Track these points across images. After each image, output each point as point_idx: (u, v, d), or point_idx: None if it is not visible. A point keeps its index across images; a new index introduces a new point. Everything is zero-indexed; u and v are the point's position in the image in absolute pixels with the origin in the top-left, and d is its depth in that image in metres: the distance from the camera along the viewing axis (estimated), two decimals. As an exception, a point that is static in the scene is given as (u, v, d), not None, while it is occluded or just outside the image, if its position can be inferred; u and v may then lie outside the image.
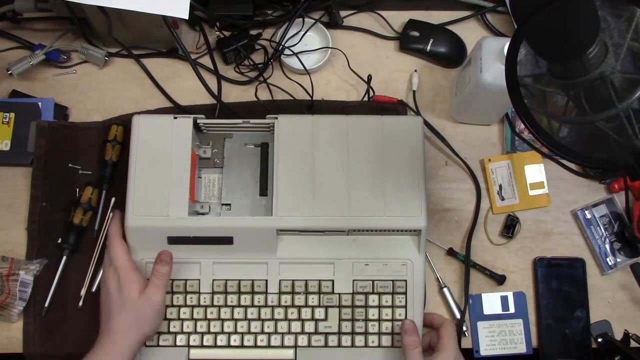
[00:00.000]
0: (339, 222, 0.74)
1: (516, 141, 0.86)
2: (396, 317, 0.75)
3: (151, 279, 0.69)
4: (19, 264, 0.79)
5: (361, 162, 0.76)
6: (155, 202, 0.74)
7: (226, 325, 0.75)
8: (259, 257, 0.76)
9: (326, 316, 0.75)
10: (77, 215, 0.79)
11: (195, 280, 0.75)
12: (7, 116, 0.84)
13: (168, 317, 0.75)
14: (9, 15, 0.88)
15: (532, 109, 0.53)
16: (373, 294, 0.75)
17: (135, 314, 0.68)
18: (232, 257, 0.76)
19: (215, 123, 0.80)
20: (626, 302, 0.82)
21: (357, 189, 0.74)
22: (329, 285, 0.75)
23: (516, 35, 0.52)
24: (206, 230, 0.74)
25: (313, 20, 0.90)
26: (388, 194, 0.74)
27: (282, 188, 0.74)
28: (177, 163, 0.75)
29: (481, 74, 0.74)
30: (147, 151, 0.76)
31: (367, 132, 0.76)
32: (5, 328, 0.79)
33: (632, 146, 0.50)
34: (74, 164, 0.83)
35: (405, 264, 0.76)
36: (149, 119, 0.78)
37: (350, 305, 0.75)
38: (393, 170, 0.75)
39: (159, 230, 0.74)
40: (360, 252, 0.76)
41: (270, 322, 0.75)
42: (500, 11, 0.93)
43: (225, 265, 0.76)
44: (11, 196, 0.83)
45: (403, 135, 0.76)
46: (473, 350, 0.80)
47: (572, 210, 0.85)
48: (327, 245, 0.76)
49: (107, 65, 0.90)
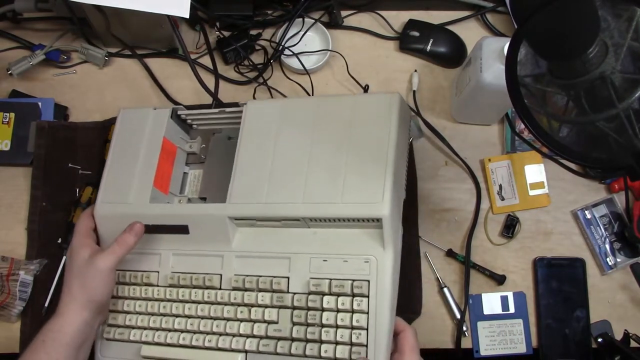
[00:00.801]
0: (290, 210, 0.66)
1: (516, 141, 0.86)
2: (355, 324, 0.63)
3: (110, 245, 0.67)
4: (19, 264, 0.79)
5: (325, 145, 0.68)
6: (120, 189, 0.73)
7: (177, 322, 0.70)
8: (214, 249, 0.70)
9: (277, 318, 0.66)
10: (77, 215, 0.79)
11: (155, 272, 0.72)
12: (7, 116, 0.84)
13: (125, 309, 0.72)
14: (9, 15, 0.89)
15: (532, 109, 0.53)
16: (329, 294, 0.65)
17: (81, 278, 0.66)
18: (189, 248, 0.71)
19: (194, 114, 0.78)
20: (626, 302, 0.82)
21: (315, 175, 0.67)
22: (283, 282, 0.67)
23: (516, 35, 0.52)
24: (162, 218, 0.71)
25: (313, 20, 0.90)
26: (348, 178, 0.65)
27: (238, 175, 0.70)
28: (146, 152, 0.74)
29: (481, 74, 0.74)
30: (124, 142, 0.76)
31: (337, 113, 0.69)
32: (5, 328, 0.79)
33: (632, 146, 0.50)
34: (74, 164, 0.83)
35: (367, 261, 0.64)
36: (131, 111, 0.78)
37: (303, 307, 0.66)
38: (357, 153, 0.66)
39: (120, 217, 0.71)
40: (320, 247, 0.67)
41: (219, 321, 0.68)
42: (500, 11, 0.93)
43: (183, 258, 0.72)
44: (11, 196, 0.83)
45: (376, 114, 0.68)
46: (473, 350, 0.79)
47: (572, 210, 0.85)
48: (286, 238, 0.68)
49: (107, 65, 0.90)
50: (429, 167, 0.86)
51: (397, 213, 0.67)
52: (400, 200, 0.70)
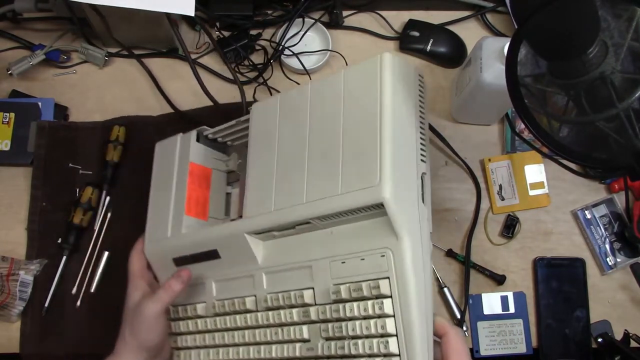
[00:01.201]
0: (296, 213, 0.59)
1: (516, 141, 0.86)
2: (381, 331, 0.53)
3: (157, 291, 0.66)
4: (19, 264, 0.79)
5: (321, 134, 0.60)
6: (160, 224, 0.70)
7: (222, 352, 0.65)
8: (245, 269, 0.65)
9: (309, 335, 0.59)
10: (77, 215, 0.79)
11: (202, 303, 0.68)
12: (7, 116, 0.84)
13: (182, 345, 0.69)
14: (9, 15, 0.88)
15: (532, 109, 0.54)
16: (350, 300, 0.56)
17: (130, 322, 0.66)
18: (224, 272, 0.67)
19: (219, 130, 0.73)
20: (626, 302, 0.82)
21: (315, 169, 0.59)
22: (308, 294, 0.59)
23: (516, 35, 0.52)
24: (193, 247, 0.68)
25: (313, 20, 0.90)
26: (345, 165, 0.57)
27: (250, 186, 0.64)
28: (177, 181, 0.70)
29: (481, 74, 0.74)
30: (159, 175, 0.73)
31: (330, 95, 0.61)
32: (5, 328, 0.79)
33: (633, 146, 0.50)
34: (74, 164, 0.83)
35: (384, 255, 0.54)
36: (164, 142, 0.74)
37: (330, 319, 0.57)
38: (351, 134, 0.58)
39: (163, 254, 0.70)
40: (337, 248, 0.58)
41: (259, 346, 0.62)
42: (500, 11, 0.93)
43: (223, 283, 0.67)
44: (11, 196, 0.83)
45: (364, 85, 0.58)
46: (473, 350, 0.79)
47: (572, 210, 0.85)
48: (306, 245, 0.61)
49: (107, 65, 0.90)
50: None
51: (410, 192, 0.57)
52: (418, 175, 0.58)
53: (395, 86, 0.57)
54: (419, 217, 0.56)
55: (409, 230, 0.54)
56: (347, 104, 0.59)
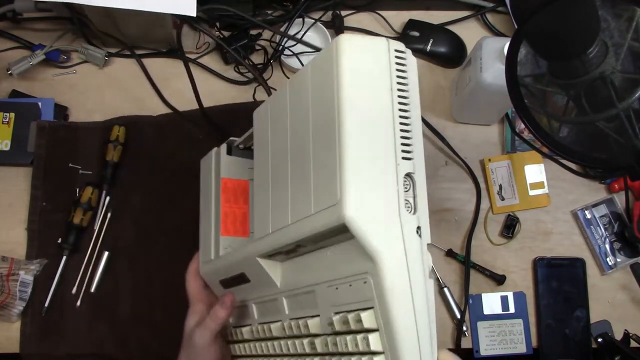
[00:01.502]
0: (286, 236, 0.52)
1: (516, 141, 0.86)
2: None
3: (205, 320, 0.63)
4: (19, 264, 0.79)
5: (297, 141, 0.52)
6: (206, 245, 0.67)
7: None
8: (269, 292, 0.60)
9: None
10: (77, 215, 0.79)
11: (247, 326, 0.64)
12: (7, 116, 0.84)
13: None
14: (9, 15, 0.88)
15: (532, 109, 0.54)
16: (342, 333, 0.48)
17: (186, 349, 0.65)
18: (256, 295, 0.63)
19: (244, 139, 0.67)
20: (626, 302, 0.82)
21: (295, 184, 0.51)
22: (313, 323, 0.53)
23: (516, 35, 0.52)
24: (227, 270, 0.64)
25: (313, 20, 0.90)
26: (314, 178, 0.48)
27: (255, 202, 0.59)
28: (214, 199, 0.67)
29: (481, 74, 0.74)
30: (203, 193, 0.70)
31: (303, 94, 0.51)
32: (5, 328, 0.79)
33: (633, 146, 0.50)
34: (74, 164, 0.83)
35: (366, 282, 0.45)
36: (204, 159, 0.71)
37: (327, 353, 0.50)
38: (317, 140, 0.48)
39: (212, 275, 0.67)
40: (331, 272, 0.50)
41: None
42: (500, 11, 0.93)
43: (261, 306, 0.63)
44: (11, 196, 0.83)
45: (323, 78, 0.48)
46: (473, 350, 0.79)
47: (572, 210, 0.85)
48: (312, 266, 0.54)
49: (107, 65, 0.90)
50: (428, 167, 0.85)
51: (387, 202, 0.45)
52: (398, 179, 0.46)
53: (357, 73, 0.46)
54: (401, 232, 0.45)
55: (387, 250, 0.44)
56: (313, 102, 0.49)
